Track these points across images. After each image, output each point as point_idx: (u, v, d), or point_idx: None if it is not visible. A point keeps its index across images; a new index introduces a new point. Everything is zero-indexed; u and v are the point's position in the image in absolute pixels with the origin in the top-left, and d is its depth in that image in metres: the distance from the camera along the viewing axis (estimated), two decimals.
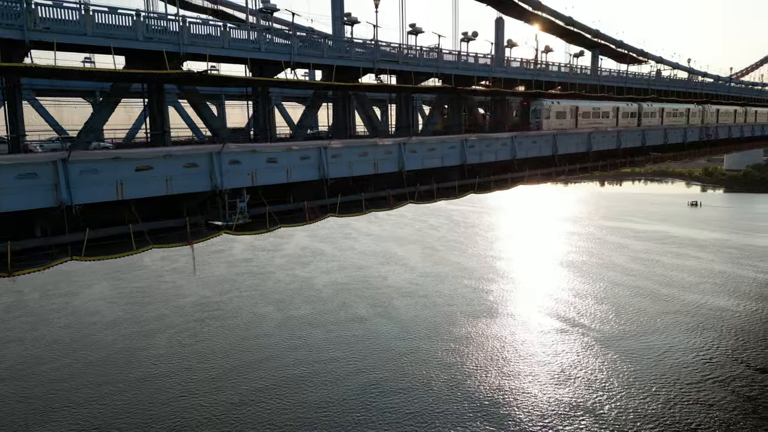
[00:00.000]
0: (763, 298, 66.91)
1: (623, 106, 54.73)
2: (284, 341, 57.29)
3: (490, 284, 76.16)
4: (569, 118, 48.02)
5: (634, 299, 67.48)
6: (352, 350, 54.76)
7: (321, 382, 48.02)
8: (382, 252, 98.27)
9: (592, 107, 50.81)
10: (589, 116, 50.50)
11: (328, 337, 57.87)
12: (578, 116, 49.11)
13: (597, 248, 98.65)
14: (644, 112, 57.62)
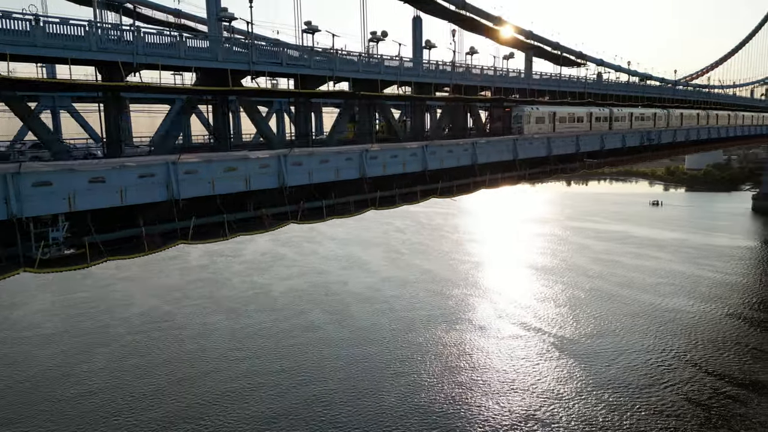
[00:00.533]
0: (718, 298, 71.11)
1: (596, 111, 59.80)
2: (232, 352, 57.32)
3: (452, 288, 78.13)
4: (548, 123, 52.59)
5: (593, 302, 70.66)
6: (302, 360, 55.17)
7: (266, 395, 48.20)
8: (345, 256, 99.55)
9: (567, 112, 55.57)
10: (566, 121, 55.36)
11: (279, 347, 58.19)
12: (556, 121, 53.62)
13: (559, 249, 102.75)
14: (615, 117, 63.05)
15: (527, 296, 74.12)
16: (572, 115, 56.48)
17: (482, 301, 73.07)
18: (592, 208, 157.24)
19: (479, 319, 66.21)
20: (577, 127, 56.47)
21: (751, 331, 59.79)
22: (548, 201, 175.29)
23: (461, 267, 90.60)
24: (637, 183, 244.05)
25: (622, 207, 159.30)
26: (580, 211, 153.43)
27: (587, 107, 59.15)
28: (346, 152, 31.45)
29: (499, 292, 76.59)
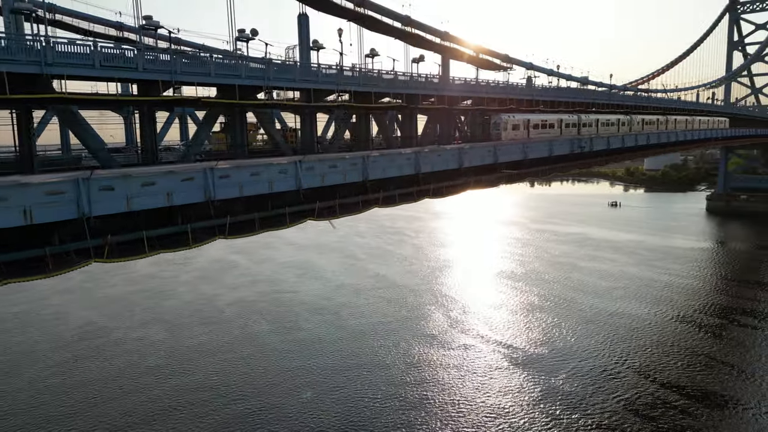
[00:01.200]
0: (670, 302, 71.89)
1: (565, 118, 64.23)
2: (163, 370, 54.89)
3: (407, 295, 77.13)
4: (522, 129, 56.36)
5: (546, 308, 70.62)
6: (237, 376, 53.10)
7: (188, 414, 46.21)
8: (301, 263, 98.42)
9: (540, 119, 59.85)
10: (538, 127, 59.33)
11: (215, 362, 56.08)
12: (530, 128, 57.54)
13: (517, 253, 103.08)
14: (582, 123, 67.15)
15: (481, 303, 73.43)
16: (544, 122, 60.54)
17: (435, 308, 71.93)
18: (553, 210, 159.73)
19: (430, 328, 64.96)
20: (548, 133, 60.26)
21: (701, 337, 60.15)
22: (511, 203, 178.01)
23: (418, 272, 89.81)
24: (599, 184, 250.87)
25: (582, 208, 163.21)
26: (541, 212, 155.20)
27: (558, 114, 62.94)
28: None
29: (453, 298, 75.84)
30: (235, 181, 28.20)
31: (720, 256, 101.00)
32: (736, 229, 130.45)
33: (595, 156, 63.82)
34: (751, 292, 76.36)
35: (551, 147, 52.23)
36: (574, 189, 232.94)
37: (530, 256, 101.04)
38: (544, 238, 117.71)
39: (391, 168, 37.81)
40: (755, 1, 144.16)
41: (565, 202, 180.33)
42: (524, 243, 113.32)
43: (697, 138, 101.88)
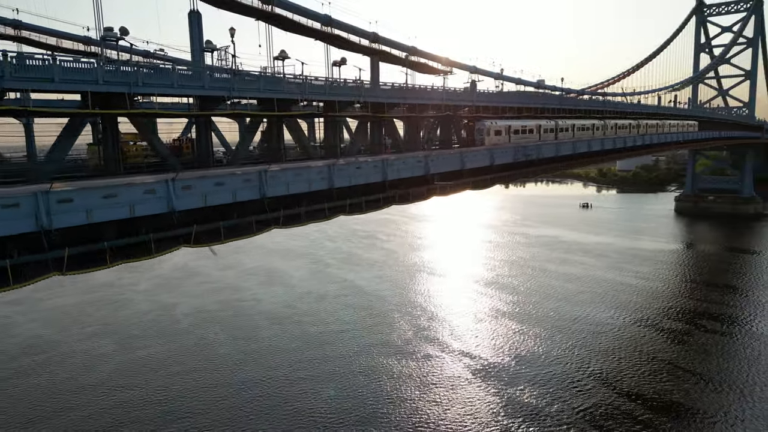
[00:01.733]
0: (637, 308, 71.95)
1: (544, 124, 67.09)
2: (106, 386, 52.56)
3: (373, 302, 75.82)
4: (504, 135, 58.73)
5: (513, 315, 69.97)
6: (187, 391, 51.19)
7: None
8: (267, 269, 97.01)
9: (520, 125, 62.53)
10: (518, 133, 61.79)
11: (163, 378, 53.96)
12: (511, 133, 60.05)
13: (488, 257, 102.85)
14: (560, 128, 70.30)
15: (447, 310, 72.37)
16: (524, 128, 63.24)
17: (400, 316, 70.54)
18: (525, 211, 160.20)
19: (393, 337, 63.42)
20: (527, 138, 62.66)
21: (665, 344, 59.90)
22: (484, 205, 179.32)
23: (386, 278, 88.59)
24: (572, 185, 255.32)
25: (553, 209, 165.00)
26: (513, 214, 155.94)
27: (537, 120, 65.81)
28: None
29: (419, 305, 74.73)
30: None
31: (687, 259, 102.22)
32: (703, 231, 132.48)
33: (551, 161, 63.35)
34: (717, 295, 76.83)
35: (492, 156, 49.83)
36: (548, 190, 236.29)
37: (500, 259, 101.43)
38: (515, 241, 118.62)
39: (296, 183, 33.90)
40: (721, 4, 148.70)
41: (537, 203, 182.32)
42: (495, 246, 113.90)
43: (666, 141, 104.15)
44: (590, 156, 76.05)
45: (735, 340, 61.14)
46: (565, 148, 67.81)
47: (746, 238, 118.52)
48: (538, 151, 55.48)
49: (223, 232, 31.33)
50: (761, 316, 68.40)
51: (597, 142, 76.46)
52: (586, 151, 72.45)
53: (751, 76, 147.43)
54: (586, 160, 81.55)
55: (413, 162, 42.32)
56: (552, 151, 60.28)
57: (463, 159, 46.31)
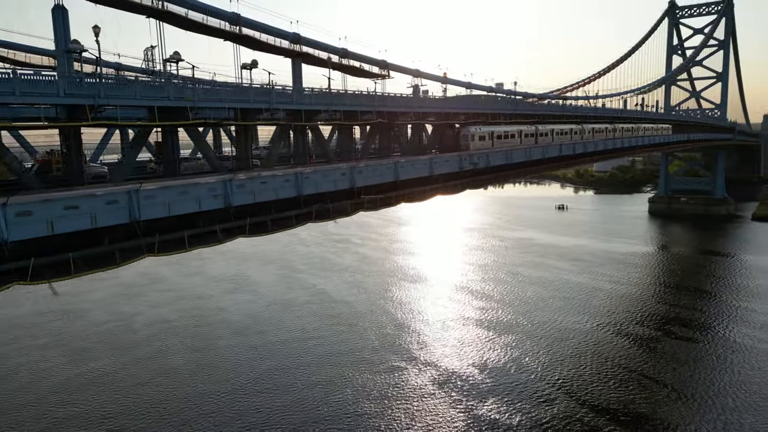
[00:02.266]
0: (608, 313, 70.78)
1: (525, 129, 68.96)
2: (50, 401, 49.49)
3: (341, 311, 73.49)
4: (488, 140, 60.69)
5: (484, 322, 68.28)
6: (132, 409, 48.28)
7: None
8: (234, 276, 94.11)
9: (503, 131, 64.65)
10: (501, 138, 63.90)
11: (113, 393, 51.04)
12: (494, 138, 62.09)
13: (462, 261, 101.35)
14: (540, 133, 72.07)
15: (416, 318, 70.39)
16: (506, 133, 65.29)
17: (367, 324, 68.08)
18: (501, 213, 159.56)
19: (357, 348, 61.01)
20: (509, 143, 64.54)
21: (634, 352, 58.52)
22: (461, 207, 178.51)
23: (357, 284, 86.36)
24: (550, 185, 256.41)
25: (530, 211, 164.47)
26: (489, 216, 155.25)
27: (518, 126, 67.82)
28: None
29: (386, 312, 72.46)
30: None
31: (659, 262, 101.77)
32: (676, 233, 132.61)
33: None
34: (688, 299, 75.98)
35: (431, 165, 46.81)
36: (526, 191, 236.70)
37: (473, 264, 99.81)
38: (489, 244, 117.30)
39: (180, 203, 30.36)
40: (693, 6, 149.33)
41: (514, 204, 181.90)
42: (468, 249, 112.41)
43: (639, 144, 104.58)
44: (566, 159, 76.50)
45: (704, 347, 60.01)
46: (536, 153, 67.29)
47: (718, 240, 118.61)
48: (486, 159, 53.15)
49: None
50: (731, 321, 67.49)
51: (569, 147, 75.94)
52: (556, 155, 71.85)
53: (722, 78, 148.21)
54: (562, 163, 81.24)
55: (337, 175, 39.00)
56: (502, 159, 58.32)
57: (397, 170, 42.96)
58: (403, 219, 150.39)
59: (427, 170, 46.07)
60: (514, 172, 66.86)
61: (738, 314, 69.86)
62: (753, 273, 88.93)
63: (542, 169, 78.95)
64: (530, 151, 65.14)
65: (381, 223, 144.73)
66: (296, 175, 34.51)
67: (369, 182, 40.41)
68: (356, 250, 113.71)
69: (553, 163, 75.39)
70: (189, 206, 29.05)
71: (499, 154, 58.22)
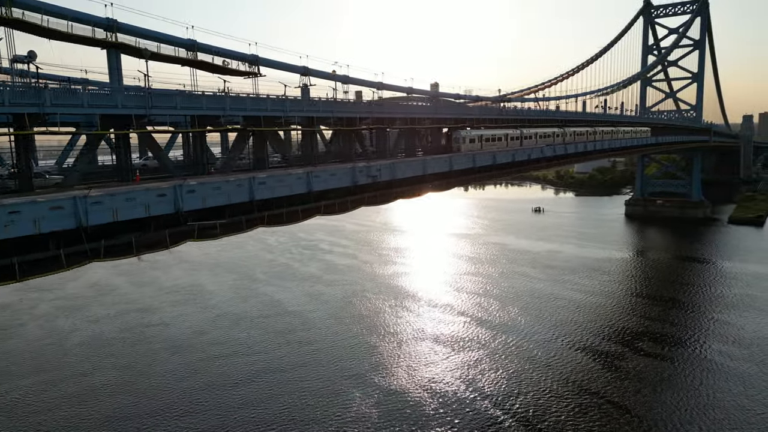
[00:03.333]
0: (575, 328, 67.14)
1: (510, 132, 72.44)
2: None
3: (296, 326, 68.92)
4: (477, 143, 64.26)
5: (440, 339, 64.61)
6: None
7: None
8: (188, 286, 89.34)
9: (491, 134, 68.02)
10: (490, 140, 67.25)
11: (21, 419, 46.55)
12: (483, 141, 65.55)
13: (429, 269, 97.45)
14: (525, 136, 75.09)
15: (375, 334, 65.84)
16: (494, 136, 68.74)
17: (320, 342, 63.51)
18: (478, 217, 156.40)
19: (306, 370, 56.05)
20: (495, 145, 67.92)
21: (599, 373, 54.55)
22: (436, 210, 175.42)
23: (318, 296, 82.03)
24: (531, 187, 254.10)
25: (506, 214, 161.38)
26: (464, 220, 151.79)
27: (504, 129, 71.46)
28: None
29: (345, 325, 68.03)
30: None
31: (633, 269, 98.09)
32: (651, 237, 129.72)
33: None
34: (659, 311, 72.47)
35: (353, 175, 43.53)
36: (506, 193, 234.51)
37: (439, 272, 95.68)
38: (459, 251, 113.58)
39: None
40: (668, 5, 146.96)
41: (492, 207, 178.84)
42: (438, 256, 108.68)
43: (616, 147, 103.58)
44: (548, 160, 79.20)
45: (673, 366, 56.07)
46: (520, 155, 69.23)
47: (692, 245, 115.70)
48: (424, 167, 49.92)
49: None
50: (702, 335, 63.96)
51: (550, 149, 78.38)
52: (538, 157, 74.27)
53: (698, 78, 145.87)
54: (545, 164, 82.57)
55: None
56: None
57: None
58: (375, 224, 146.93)
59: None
60: (499, 172, 69.54)
61: (710, 328, 66.40)
62: (726, 281, 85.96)
63: (526, 169, 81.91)
64: (515, 153, 68.35)
65: (352, 227, 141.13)
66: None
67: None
68: (322, 258, 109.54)
69: (537, 163, 78.15)
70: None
71: (487, 156, 61.90)
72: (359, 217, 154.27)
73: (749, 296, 77.51)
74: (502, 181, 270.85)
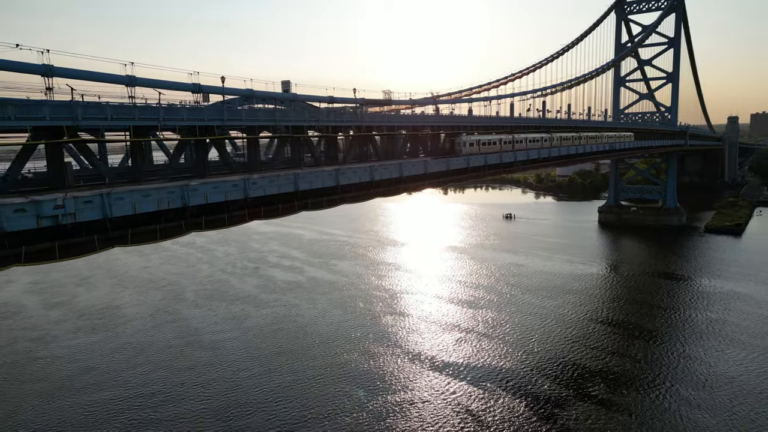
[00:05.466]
0: (522, 369, 59.00)
1: (503, 137, 78.12)
2: None
3: (198, 359, 60.47)
4: (475, 146, 70.78)
5: (370, 376, 56.17)
6: None
7: None
8: (104, 308, 79.28)
9: (488, 139, 74.14)
10: (486, 145, 73.17)
11: None
12: (481, 145, 71.83)
13: (369, 290, 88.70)
14: (516, 140, 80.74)
15: (281, 366, 57.24)
16: (490, 141, 74.32)
17: (217, 387, 54.84)
18: (444, 225, 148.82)
19: (185, 399, 47.94)
20: (491, 149, 73.74)
21: (540, 425, 45.75)
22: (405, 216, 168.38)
23: (241, 318, 73.46)
24: (512, 191, 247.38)
25: (476, 221, 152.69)
26: (428, 227, 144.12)
27: (499, 135, 77.29)
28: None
29: (257, 366, 59.59)
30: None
31: (597, 288, 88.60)
32: (622, 248, 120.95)
33: None
34: (622, 343, 63.67)
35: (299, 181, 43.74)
36: (482, 197, 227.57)
37: (386, 292, 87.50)
38: (414, 265, 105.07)
39: None
40: (642, 1, 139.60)
41: (462, 213, 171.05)
42: (390, 272, 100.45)
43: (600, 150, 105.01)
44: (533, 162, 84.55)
45: (627, 418, 47.11)
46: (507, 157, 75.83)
47: (667, 258, 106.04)
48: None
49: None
50: (667, 376, 54.85)
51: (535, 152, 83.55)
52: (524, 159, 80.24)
53: (672, 78, 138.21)
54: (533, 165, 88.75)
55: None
56: None
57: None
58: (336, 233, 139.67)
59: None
60: (492, 172, 74.90)
61: (676, 365, 57.74)
62: (697, 302, 77.36)
63: (518, 170, 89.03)
64: (505, 155, 75.71)
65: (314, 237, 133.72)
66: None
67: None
68: (266, 272, 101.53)
69: (525, 165, 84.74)
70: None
71: (480, 158, 69.29)
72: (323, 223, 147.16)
73: (721, 322, 69.06)
74: (483, 184, 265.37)
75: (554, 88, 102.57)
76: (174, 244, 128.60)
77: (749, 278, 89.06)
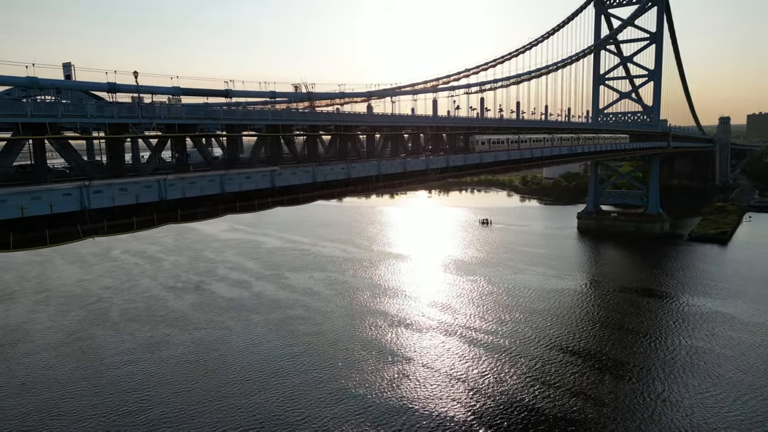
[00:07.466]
0: (466, 397, 49.70)
1: (510, 137, 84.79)
2: None
3: (78, 382, 51.60)
4: (487, 145, 77.96)
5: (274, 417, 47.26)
6: None
7: None
8: (13, 328, 72.15)
9: (497, 138, 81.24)
10: (496, 143, 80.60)
11: None
12: (490, 144, 79.02)
13: (308, 306, 79.34)
14: (521, 140, 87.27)
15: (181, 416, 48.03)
16: (499, 140, 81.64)
17: None
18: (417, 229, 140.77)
19: None
20: (499, 148, 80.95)
21: None
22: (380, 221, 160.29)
23: (151, 343, 64.74)
24: (498, 193, 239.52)
25: (451, 227, 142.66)
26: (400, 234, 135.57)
27: (506, 135, 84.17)
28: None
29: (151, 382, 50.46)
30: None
31: (569, 308, 78.85)
32: (599, 259, 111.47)
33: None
34: (591, 378, 54.41)
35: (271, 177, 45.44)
36: (465, 200, 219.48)
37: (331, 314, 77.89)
38: (370, 281, 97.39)
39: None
40: None
41: (438, 217, 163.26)
42: (341, 287, 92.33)
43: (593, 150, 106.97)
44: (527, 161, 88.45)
45: None
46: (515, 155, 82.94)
47: (646, 272, 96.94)
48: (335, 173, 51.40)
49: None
50: (641, 424, 45.95)
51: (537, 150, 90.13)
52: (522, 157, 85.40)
53: (654, 76, 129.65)
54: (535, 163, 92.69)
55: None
56: None
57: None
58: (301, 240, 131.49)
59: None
60: (501, 168, 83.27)
61: (652, 408, 48.81)
62: (676, 325, 68.56)
63: (522, 167, 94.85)
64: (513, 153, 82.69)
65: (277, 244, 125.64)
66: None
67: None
68: (209, 286, 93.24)
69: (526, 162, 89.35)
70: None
71: (490, 155, 76.14)
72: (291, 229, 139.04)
73: (703, 352, 60.16)
74: (468, 187, 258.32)
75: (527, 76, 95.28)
76: (123, 253, 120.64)
77: (736, 296, 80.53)
